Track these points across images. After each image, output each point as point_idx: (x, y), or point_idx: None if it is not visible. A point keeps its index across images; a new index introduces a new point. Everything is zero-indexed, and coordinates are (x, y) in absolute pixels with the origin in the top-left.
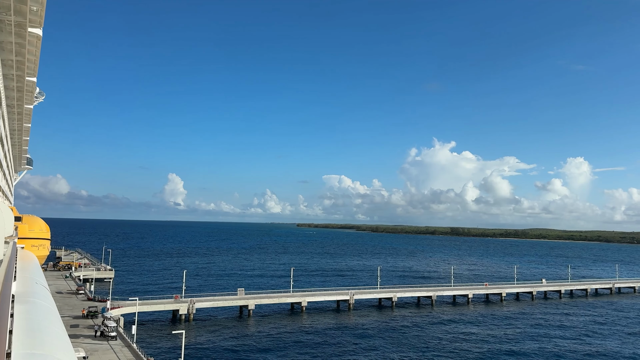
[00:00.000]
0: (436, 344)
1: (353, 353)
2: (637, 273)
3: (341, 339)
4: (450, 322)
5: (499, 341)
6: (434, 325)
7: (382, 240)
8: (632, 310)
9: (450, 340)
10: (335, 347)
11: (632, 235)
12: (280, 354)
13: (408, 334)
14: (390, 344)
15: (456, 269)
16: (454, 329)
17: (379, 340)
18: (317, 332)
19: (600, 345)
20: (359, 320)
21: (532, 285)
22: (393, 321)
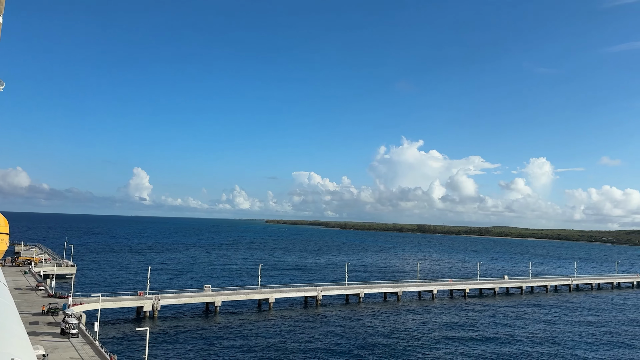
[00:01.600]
0: (401, 339)
1: (320, 348)
2: (595, 270)
3: (309, 334)
4: (415, 317)
5: (462, 335)
6: (399, 320)
7: (351, 237)
8: (588, 306)
9: (415, 336)
10: (303, 343)
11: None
12: (246, 350)
13: (374, 330)
14: (357, 340)
15: (422, 266)
16: (419, 325)
17: (346, 335)
18: (284, 328)
19: (555, 339)
20: (327, 316)
21: (494, 282)
22: (360, 317)
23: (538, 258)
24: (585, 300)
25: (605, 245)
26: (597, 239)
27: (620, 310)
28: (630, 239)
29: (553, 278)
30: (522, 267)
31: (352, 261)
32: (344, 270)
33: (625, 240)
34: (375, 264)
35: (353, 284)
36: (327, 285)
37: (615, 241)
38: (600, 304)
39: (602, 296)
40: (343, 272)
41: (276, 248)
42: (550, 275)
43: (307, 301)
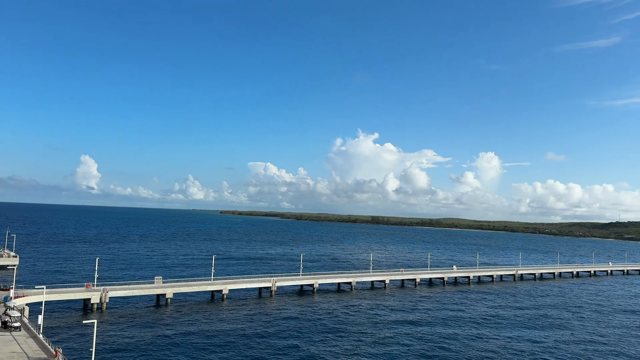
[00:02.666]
0: (354, 327)
1: (274, 339)
2: (537, 261)
3: (262, 325)
4: (368, 306)
5: (412, 323)
6: (353, 309)
7: (306, 228)
8: (531, 294)
9: (368, 324)
10: (256, 334)
11: (534, 226)
12: (198, 342)
13: (328, 319)
14: (311, 328)
15: (375, 256)
16: (372, 313)
17: (301, 325)
18: (237, 319)
19: (499, 327)
20: (281, 307)
21: (444, 272)
22: (314, 306)
23: (485, 249)
24: (529, 289)
25: (548, 237)
26: (541, 231)
27: (560, 298)
28: (572, 231)
29: (499, 268)
30: (470, 257)
31: (307, 252)
32: (299, 261)
33: (566, 232)
34: (330, 254)
35: (308, 274)
36: (281, 276)
37: (557, 233)
38: (541, 292)
39: (545, 285)
40: (298, 262)
41: (231, 239)
42: (496, 266)
43: (262, 292)
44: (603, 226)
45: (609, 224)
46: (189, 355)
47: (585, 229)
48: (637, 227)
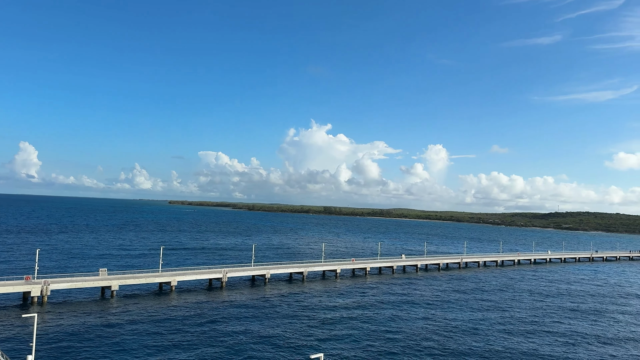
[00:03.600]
0: (305, 316)
1: (224, 330)
2: (482, 250)
3: (212, 316)
4: (319, 294)
5: (361, 309)
6: (304, 298)
7: (259, 219)
8: (474, 281)
9: (319, 310)
10: (205, 321)
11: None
12: (143, 335)
13: (279, 306)
14: (263, 318)
15: (327, 246)
16: (323, 301)
17: (252, 315)
18: (186, 309)
19: (444, 311)
20: (232, 298)
21: (393, 261)
22: (266, 296)
23: (433, 238)
24: (473, 276)
25: (491, 227)
26: (485, 221)
27: (502, 284)
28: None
29: (445, 257)
30: (419, 246)
31: (259, 242)
32: (251, 251)
33: (509, 222)
34: (282, 245)
35: (260, 264)
36: (233, 266)
37: (500, 223)
38: (485, 279)
39: (488, 272)
40: (250, 253)
41: (181, 230)
42: (442, 254)
43: (212, 283)
44: (543, 216)
45: (549, 214)
46: (135, 345)
47: (526, 219)
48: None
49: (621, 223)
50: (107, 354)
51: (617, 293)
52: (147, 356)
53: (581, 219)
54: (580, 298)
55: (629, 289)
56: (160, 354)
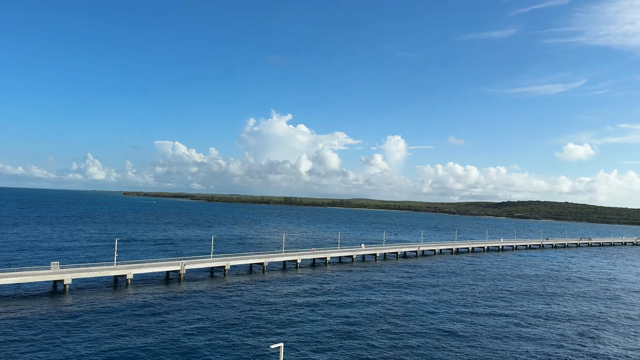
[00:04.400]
0: (265, 307)
1: (182, 321)
2: (438, 238)
3: (169, 310)
4: (279, 284)
5: (322, 298)
6: (264, 289)
7: (218, 210)
8: (431, 268)
9: (279, 300)
10: (162, 319)
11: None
12: (97, 328)
13: (239, 297)
14: (222, 309)
15: (287, 237)
16: (283, 290)
17: (211, 307)
18: (143, 303)
19: (402, 295)
20: (190, 290)
21: (352, 250)
22: (225, 287)
23: (391, 227)
24: (429, 264)
25: (447, 216)
26: (441, 210)
27: (456, 270)
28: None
29: (403, 245)
30: (378, 236)
31: (219, 234)
32: (210, 242)
33: (464, 211)
34: (242, 236)
35: (219, 256)
36: (191, 258)
37: (455, 212)
38: (440, 266)
39: (443, 260)
40: (209, 245)
41: (137, 221)
42: (401, 243)
43: (170, 275)
44: (496, 205)
45: (501, 204)
46: (89, 339)
47: (480, 208)
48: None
49: (569, 211)
50: (58, 349)
51: (564, 277)
52: (102, 350)
53: (532, 208)
54: (530, 282)
55: (576, 273)
56: (115, 347)
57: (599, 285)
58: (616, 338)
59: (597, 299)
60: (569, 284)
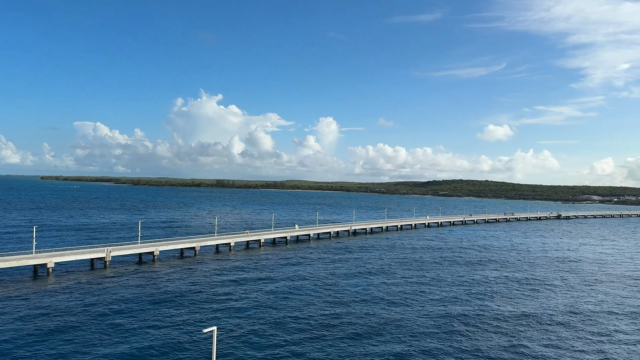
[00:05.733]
0: (198, 290)
1: (110, 311)
2: (369, 217)
3: (96, 297)
4: (212, 268)
5: (255, 281)
6: (196, 274)
7: (146, 194)
8: (362, 247)
9: (211, 285)
10: (88, 307)
11: (366, 185)
12: (15, 322)
13: (170, 284)
14: (151, 296)
15: (220, 220)
16: (216, 275)
17: (139, 294)
18: (66, 294)
19: (335, 275)
20: (117, 278)
21: (286, 231)
22: (154, 274)
23: (325, 208)
24: (361, 242)
25: (378, 195)
26: (372, 190)
27: (386, 247)
28: (397, 189)
29: (336, 225)
30: (311, 216)
31: (147, 219)
32: (137, 228)
33: (393, 190)
34: (172, 220)
35: (147, 241)
36: (117, 244)
37: (385, 191)
38: (371, 244)
39: (374, 238)
40: (136, 230)
41: (58, 207)
42: (334, 223)
43: (94, 263)
44: (423, 184)
45: (428, 183)
46: (5, 335)
47: (408, 187)
48: (449, 185)
49: (489, 189)
50: None
51: (484, 249)
52: (21, 346)
53: (455, 186)
54: (450, 253)
55: (495, 245)
56: (36, 341)
57: (511, 255)
58: (508, 294)
59: (507, 266)
60: (482, 254)
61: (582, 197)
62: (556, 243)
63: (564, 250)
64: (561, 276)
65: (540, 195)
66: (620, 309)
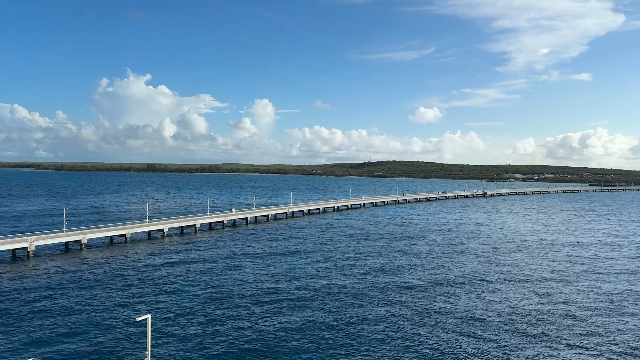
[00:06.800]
0: (130, 278)
1: (35, 303)
2: (306, 199)
3: (18, 290)
4: (144, 255)
5: (191, 266)
6: (127, 262)
7: (71, 180)
8: (300, 229)
9: (144, 273)
10: (10, 300)
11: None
12: None
13: (100, 274)
14: (80, 286)
15: (152, 205)
16: (149, 262)
17: (67, 284)
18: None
19: (272, 256)
20: (42, 268)
21: (223, 215)
22: (83, 263)
23: (262, 191)
24: (298, 224)
25: (315, 177)
26: (309, 172)
27: (324, 228)
28: (334, 171)
29: (274, 208)
30: (249, 200)
31: (73, 205)
32: (63, 215)
33: (330, 172)
34: (100, 206)
35: (74, 229)
36: (41, 233)
37: (322, 173)
38: (309, 225)
39: (311, 219)
40: (61, 218)
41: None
42: (271, 206)
43: (16, 254)
44: (358, 166)
45: (363, 164)
46: None
47: (344, 169)
48: (383, 166)
49: (420, 169)
50: None
51: (416, 225)
52: None
53: (389, 167)
54: (384, 231)
55: (427, 222)
56: None
57: (435, 228)
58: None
59: (431, 239)
60: (410, 229)
61: (505, 176)
62: (480, 218)
63: (484, 225)
64: (481, 247)
65: (467, 175)
66: (524, 273)
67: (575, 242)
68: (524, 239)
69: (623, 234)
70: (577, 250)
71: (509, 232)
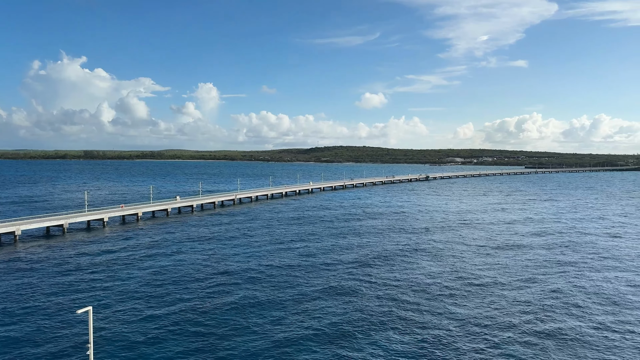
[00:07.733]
0: (69, 270)
1: None
2: (254, 185)
3: None
4: (84, 246)
5: (133, 257)
6: (66, 252)
7: (0, 168)
8: (247, 215)
9: (84, 264)
10: None
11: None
12: None
13: (37, 267)
14: (16, 281)
15: (91, 194)
16: (88, 253)
17: (0, 279)
18: None
19: (220, 243)
20: None
21: (167, 203)
22: (17, 256)
23: (208, 177)
24: (245, 211)
25: (262, 163)
26: (256, 158)
27: (271, 214)
28: (281, 157)
29: (220, 195)
30: (194, 187)
31: (4, 195)
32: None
33: (277, 158)
34: (35, 196)
35: (6, 220)
36: None
37: (269, 159)
38: (257, 212)
39: (259, 206)
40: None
41: None
42: (218, 193)
43: None
44: (306, 151)
45: (310, 149)
46: None
47: (292, 155)
48: (331, 151)
49: (367, 154)
50: None
51: (361, 208)
52: None
53: (336, 152)
54: (330, 213)
55: (372, 205)
56: None
57: (381, 210)
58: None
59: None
60: (357, 211)
61: (447, 160)
62: (422, 200)
63: (424, 206)
64: (414, 226)
65: (411, 159)
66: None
67: (505, 220)
68: (454, 218)
69: (551, 212)
70: (504, 227)
71: (443, 212)
